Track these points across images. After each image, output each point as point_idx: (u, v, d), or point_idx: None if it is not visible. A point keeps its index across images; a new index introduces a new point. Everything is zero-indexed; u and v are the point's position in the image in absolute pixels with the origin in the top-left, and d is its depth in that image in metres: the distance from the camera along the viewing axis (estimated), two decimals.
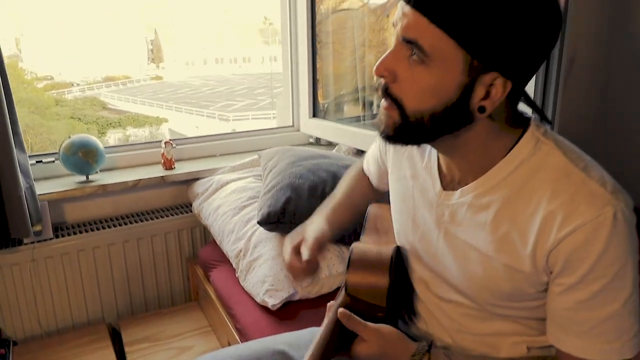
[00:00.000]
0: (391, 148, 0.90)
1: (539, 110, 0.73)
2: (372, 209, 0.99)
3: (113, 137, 20.95)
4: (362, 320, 0.74)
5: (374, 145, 1.06)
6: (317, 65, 2.18)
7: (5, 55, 1.48)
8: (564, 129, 1.31)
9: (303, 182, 1.58)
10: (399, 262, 0.86)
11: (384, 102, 0.68)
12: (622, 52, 1.34)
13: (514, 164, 0.68)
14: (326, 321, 0.77)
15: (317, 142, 2.30)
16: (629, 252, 0.64)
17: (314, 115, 2.22)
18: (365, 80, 2.08)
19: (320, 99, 2.24)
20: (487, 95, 0.63)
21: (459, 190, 0.73)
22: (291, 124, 2.34)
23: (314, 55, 2.15)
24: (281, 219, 1.50)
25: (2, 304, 1.68)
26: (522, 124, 0.70)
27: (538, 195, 0.65)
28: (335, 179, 1.61)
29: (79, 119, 21.54)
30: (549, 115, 1.31)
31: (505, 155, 0.68)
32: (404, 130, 0.67)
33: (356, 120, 2.18)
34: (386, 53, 0.66)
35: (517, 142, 0.68)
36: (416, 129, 0.66)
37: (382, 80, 0.67)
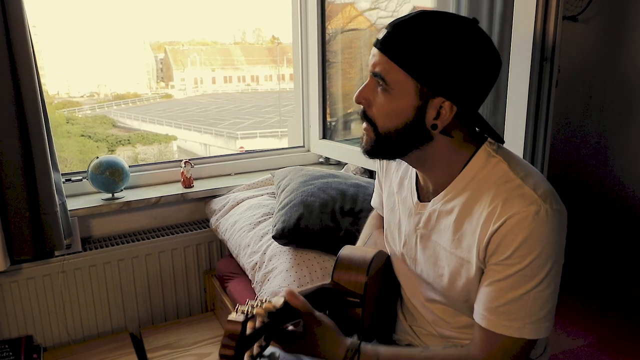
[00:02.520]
0: (384, 170, 1.07)
1: (490, 131, 0.85)
2: (344, 250, 1.04)
3: (122, 154, 21.20)
4: (307, 303, 0.79)
5: (375, 179, 1.20)
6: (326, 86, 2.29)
7: None
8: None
9: (314, 199, 1.69)
10: (387, 267, 1.01)
11: (363, 124, 0.86)
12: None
13: (471, 174, 0.83)
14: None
15: (327, 161, 2.42)
16: (545, 247, 0.75)
17: (324, 136, 2.34)
18: None
19: (327, 117, 2.35)
20: (438, 115, 0.79)
21: (431, 200, 0.88)
22: (302, 145, 2.47)
23: (324, 80, 2.26)
24: (294, 233, 1.61)
25: (34, 312, 1.80)
26: (478, 141, 0.85)
27: (484, 198, 0.80)
28: (344, 196, 1.72)
29: (89, 136, 21.82)
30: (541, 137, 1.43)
31: (463, 168, 0.84)
32: (378, 145, 0.84)
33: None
34: (362, 85, 0.84)
35: (472, 157, 0.84)
36: (387, 144, 0.83)
37: (362, 106, 0.85)
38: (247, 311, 0.68)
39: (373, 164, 2.00)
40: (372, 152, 0.86)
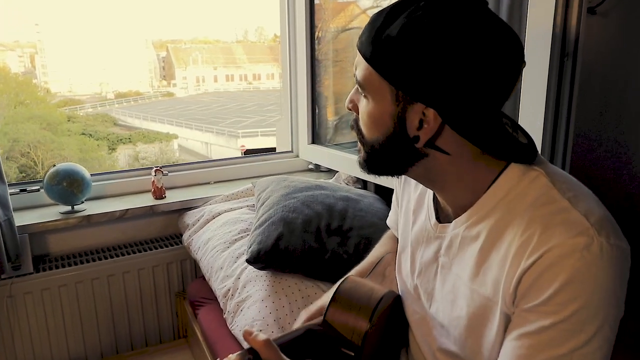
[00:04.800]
0: (402, 183, 0.91)
1: (515, 151, 0.67)
2: (346, 283, 0.87)
3: (123, 153, 21.11)
4: (273, 343, 0.63)
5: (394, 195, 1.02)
6: (325, 83, 2.11)
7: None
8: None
9: (296, 216, 1.48)
10: (395, 310, 0.82)
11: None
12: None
13: (501, 193, 0.65)
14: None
15: (317, 168, 2.21)
16: (597, 296, 0.56)
17: (313, 141, 2.13)
18: None
19: (329, 117, 2.17)
20: (421, 125, 0.63)
21: (453, 221, 0.71)
22: (290, 150, 2.25)
23: (313, 83, 2.07)
24: (272, 256, 1.40)
25: None
26: (504, 157, 0.67)
27: (518, 222, 0.62)
28: (331, 212, 1.51)
29: (90, 135, 21.75)
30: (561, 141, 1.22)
31: (491, 185, 0.66)
32: (369, 159, 0.71)
33: (356, 145, 2.09)
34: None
35: (502, 171, 0.66)
36: (376, 158, 0.70)
37: (354, 115, 0.72)
38: None
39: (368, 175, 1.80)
40: (367, 167, 0.73)
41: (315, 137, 2.13)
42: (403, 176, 0.89)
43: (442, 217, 0.75)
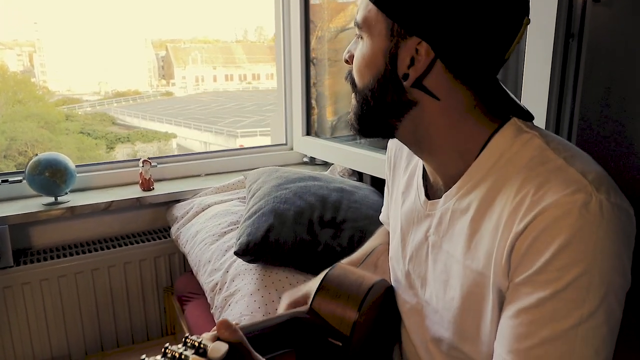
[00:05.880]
0: (392, 171, 0.86)
1: (509, 102, 0.64)
2: (334, 270, 0.82)
3: (121, 152, 21.06)
4: (245, 340, 0.56)
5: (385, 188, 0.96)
6: (326, 83, 2.06)
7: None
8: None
9: (288, 207, 1.42)
10: (387, 300, 0.78)
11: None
12: None
13: (493, 158, 0.60)
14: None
15: (312, 161, 2.14)
16: (599, 259, 0.50)
17: (308, 133, 2.06)
18: None
19: (329, 116, 2.12)
20: (412, 63, 0.59)
21: (443, 196, 0.66)
22: (284, 142, 2.19)
23: (307, 71, 2.01)
24: (262, 248, 1.33)
25: None
26: (500, 116, 0.62)
27: (511, 185, 0.57)
28: (324, 203, 1.45)
29: (88, 134, 21.70)
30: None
31: (482, 150, 0.61)
32: (360, 113, 0.66)
33: (353, 138, 2.03)
34: None
35: (494, 134, 0.61)
36: (366, 110, 0.65)
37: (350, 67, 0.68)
38: (178, 357, 0.47)
39: (364, 166, 1.73)
40: (357, 123, 0.67)
41: (310, 129, 2.07)
42: (393, 163, 0.85)
43: (431, 194, 0.71)
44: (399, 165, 0.83)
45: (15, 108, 19.62)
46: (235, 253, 1.35)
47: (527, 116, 0.63)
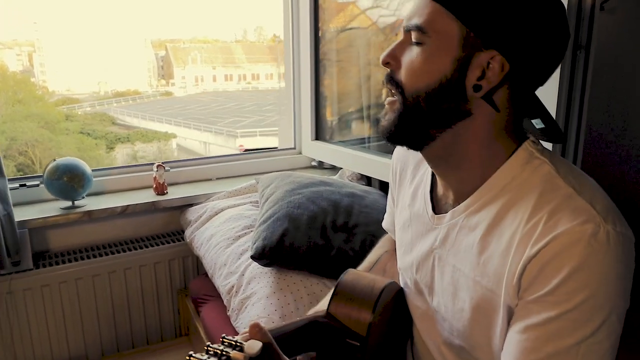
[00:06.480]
0: (397, 182, 0.87)
1: (547, 119, 0.67)
2: (347, 275, 0.86)
3: (121, 152, 21.03)
4: (274, 342, 0.59)
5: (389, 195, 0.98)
6: (325, 83, 2.09)
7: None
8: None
9: (302, 212, 1.46)
10: (398, 301, 0.82)
11: (388, 98, 0.67)
12: None
13: (504, 180, 0.64)
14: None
15: (320, 165, 2.18)
16: (604, 284, 0.55)
17: (317, 137, 2.10)
18: (371, 99, 1.98)
19: (328, 117, 2.15)
20: (483, 75, 0.60)
21: (450, 211, 0.69)
22: (293, 146, 2.23)
23: (316, 77, 2.05)
24: (277, 252, 1.37)
25: None
26: (519, 138, 0.66)
27: (522, 207, 0.61)
28: (336, 208, 1.49)
29: (88, 134, 21.65)
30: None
31: (498, 170, 0.65)
32: (404, 118, 0.65)
33: (360, 142, 2.07)
34: (391, 45, 0.67)
35: (511, 156, 0.64)
36: (414, 115, 0.64)
37: (388, 70, 0.67)
38: (220, 353, 0.50)
39: (373, 171, 1.77)
40: (395, 127, 0.66)
41: (319, 134, 2.11)
42: (399, 173, 0.88)
43: (438, 207, 0.74)
44: (404, 177, 0.86)
45: (15, 108, 19.58)
46: (252, 257, 1.39)
47: (555, 136, 0.67)
